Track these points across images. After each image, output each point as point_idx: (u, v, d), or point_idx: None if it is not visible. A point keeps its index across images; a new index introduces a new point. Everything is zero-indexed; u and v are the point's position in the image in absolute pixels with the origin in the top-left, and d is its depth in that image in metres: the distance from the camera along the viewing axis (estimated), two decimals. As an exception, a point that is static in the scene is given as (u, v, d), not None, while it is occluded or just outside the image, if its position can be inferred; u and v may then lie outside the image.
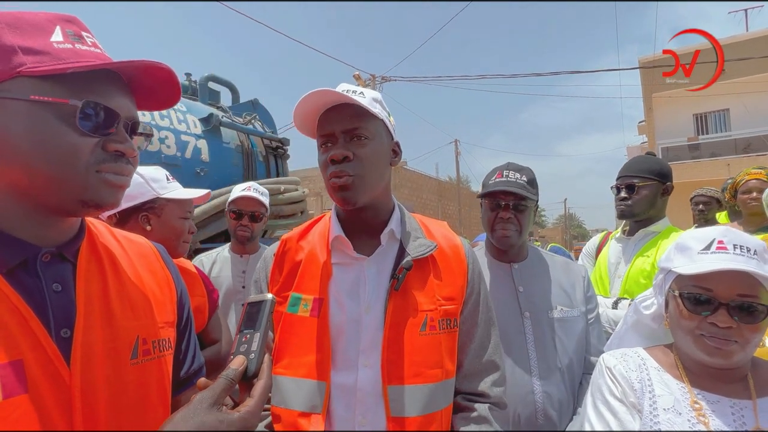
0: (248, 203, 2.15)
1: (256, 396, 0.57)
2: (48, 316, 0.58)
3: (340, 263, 0.97)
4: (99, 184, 0.59)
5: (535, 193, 1.39)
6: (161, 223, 1.42)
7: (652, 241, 1.76)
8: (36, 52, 0.56)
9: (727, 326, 0.82)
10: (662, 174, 1.81)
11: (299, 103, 0.92)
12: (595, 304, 1.42)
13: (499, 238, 1.37)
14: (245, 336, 0.62)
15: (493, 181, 1.39)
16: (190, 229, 1.48)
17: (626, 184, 1.82)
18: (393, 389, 0.88)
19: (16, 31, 0.56)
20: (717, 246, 0.87)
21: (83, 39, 0.61)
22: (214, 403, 0.54)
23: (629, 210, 1.81)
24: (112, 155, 0.61)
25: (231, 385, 0.56)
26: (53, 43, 0.57)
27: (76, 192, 0.58)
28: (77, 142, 0.57)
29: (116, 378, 0.62)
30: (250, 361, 0.59)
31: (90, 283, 0.64)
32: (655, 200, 1.80)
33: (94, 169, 0.59)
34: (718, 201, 3.36)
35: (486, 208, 1.42)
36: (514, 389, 1.20)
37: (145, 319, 0.69)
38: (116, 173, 0.61)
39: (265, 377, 0.59)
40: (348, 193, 0.92)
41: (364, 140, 0.93)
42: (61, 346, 0.57)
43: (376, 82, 14.00)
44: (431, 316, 0.92)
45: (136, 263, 0.75)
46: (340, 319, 0.92)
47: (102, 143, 0.60)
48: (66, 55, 0.57)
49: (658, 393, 0.89)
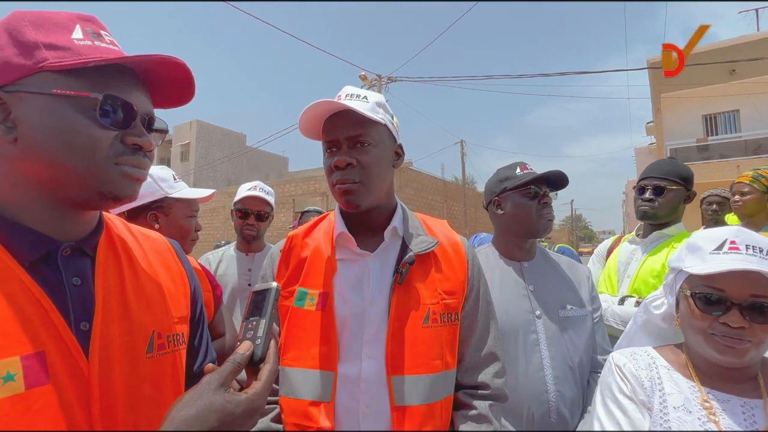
0: (254, 203, 2.18)
1: (263, 379, 0.58)
2: (68, 309, 0.59)
3: (344, 259, 1.01)
4: (118, 176, 0.61)
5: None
6: (169, 221, 1.45)
7: (663, 244, 1.76)
8: (58, 48, 0.58)
9: (739, 326, 0.82)
10: (688, 180, 1.79)
11: (303, 113, 0.96)
12: (598, 305, 1.44)
13: (546, 223, 1.38)
14: (251, 323, 0.64)
15: (524, 173, 1.41)
16: (196, 227, 1.52)
17: (654, 185, 1.78)
18: (396, 379, 0.91)
19: (39, 28, 0.58)
20: (729, 246, 0.87)
21: (102, 37, 0.63)
22: (221, 385, 0.55)
23: (653, 212, 1.78)
24: (130, 148, 0.62)
25: (238, 368, 0.58)
26: (74, 40, 0.59)
27: (95, 184, 0.60)
28: (97, 134, 0.59)
29: (133, 371, 0.63)
30: (257, 346, 0.60)
31: (108, 277, 0.65)
32: (678, 205, 1.78)
33: (113, 162, 0.60)
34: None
35: (522, 198, 1.39)
36: (528, 388, 1.22)
37: (161, 313, 0.71)
38: (134, 166, 0.63)
39: (272, 362, 0.61)
40: (352, 197, 0.95)
41: (367, 146, 0.96)
42: (80, 338, 0.58)
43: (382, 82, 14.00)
44: (433, 310, 0.95)
45: (151, 258, 0.76)
46: (344, 313, 0.95)
47: (120, 136, 0.61)
48: (86, 51, 0.59)
49: (668, 391, 0.89)
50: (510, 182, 1.42)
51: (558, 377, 1.24)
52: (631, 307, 1.66)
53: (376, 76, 13.96)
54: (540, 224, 1.38)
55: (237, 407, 0.54)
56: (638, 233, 1.93)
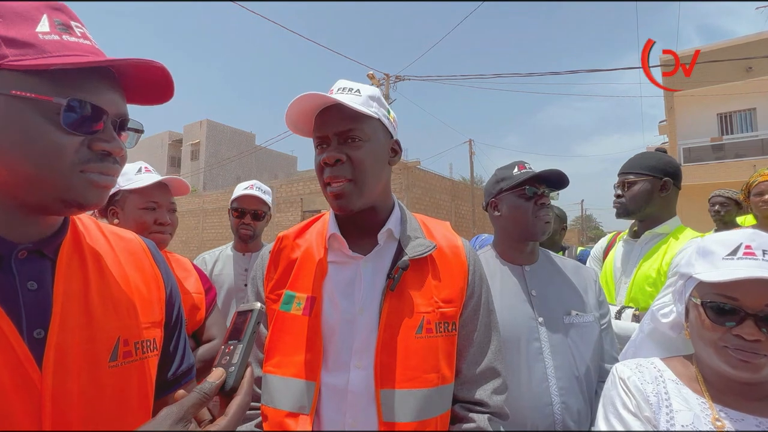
0: (250, 201, 2.15)
1: (229, 414, 0.54)
2: (20, 315, 0.55)
3: (335, 261, 0.96)
4: (83, 184, 0.57)
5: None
6: (125, 215, 1.40)
7: (659, 243, 1.66)
8: (19, 44, 0.53)
9: (754, 339, 0.75)
10: (659, 169, 1.70)
11: (290, 107, 0.91)
12: (607, 309, 1.35)
13: (543, 225, 1.31)
14: (228, 347, 0.60)
15: (520, 172, 1.34)
16: (158, 220, 1.42)
17: (621, 181, 1.77)
18: (385, 393, 0.85)
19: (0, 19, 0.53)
20: (744, 251, 0.80)
21: (72, 29, 0.58)
22: (180, 420, 0.50)
23: (623, 207, 1.75)
24: (97, 154, 0.58)
25: (204, 399, 0.53)
26: (39, 34, 0.54)
27: (57, 192, 0.56)
28: (61, 140, 0.54)
29: (92, 382, 0.59)
30: (230, 374, 0.56)
31: (70, 282, 0.61)
32: (652, 197, 1.69)
33: (79, 169, 0.56)
34: (737, 203, 3.22)
35: (518, 199, 1.32)
36: (531, 401, 1.14)
37: (128, 319, 0.67)
38: (102, 173, 0.59)
39: (243, 394, 0.56)
40: (344, 200, 0.90)
41: (359, 142, 0.91)
42: (33, 347, 0.54)
43: (390, 81, 13.94)
44: (428, 319, 0.89)
45: (123, 261, 0.72)
46: (333, 319, 0.90)
47: (87, 142, 0.57)
48: (52, 47, 0.54)
49: (676, 408, 0.83)
50: (506, 183, 1.36)
51: (563, 388, 1.16)
52: (628, 320, 1.57)
53: (384, 75, 13.91)
54: (536, 226, 1.30)
55: None
56: (633, 230, 1.84)
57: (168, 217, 1.45)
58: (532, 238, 1.32)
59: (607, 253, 1.97)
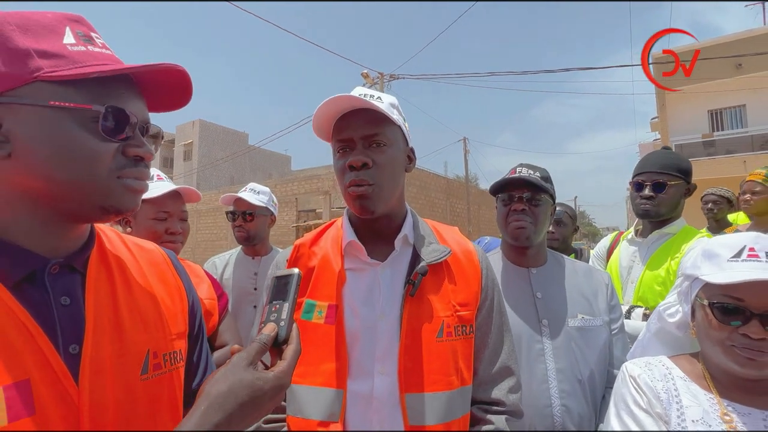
0: (240, 204, 2.19)
1: (288, 358, 0.60)
2: (56, 331, 0.56)
3: (353, 269, 0.97)
4: (120, 189, 0.59)
5: (551, 189, 1.34)
6: (137, 225, 1.41)
7: (667, 243, 1.67)
8: (51, 56, 0.54)
9: (760, 338, 0.79)
10: (688, 173, 1.69)
11: (319, 108, 0.91)
12: (619, 314, 1.34)
13: (513, 230, 1.30)
14: (274, 306, 0.66)
15: (504, 178, 1.36)
16: (169, 230, 1.43)
17: (653, 181, 1.67)
18: (411, 397, 0.87)
19: (27, 33, 0.55)
20: (748, 253, 0.84)
21: (93, 40, 0.60)
22: (249, 363, 0.57)
23: (655, 210, 1.67)
24: (131, 160, 0.60)
25: (264, 348, 0.60)
26: (67, 46, 0.56)
27: (97, 198, 0.57)
28: (99, 147, 0.56)
29: (126, 395, 0.60)
30: (281, 328, 0.62)
31: (99, 295, 0.62)
32: (680, 201, 1.69)
33: (116, 175, 0.58)
34: (729, 201, 3.28)
35: (499, 205, 1.37)
36: (530, 401, 1.15)
37: (156, 331, 0.67)
38: (136, 178, 0.60)
39: (295, 342, 0.62)
40: (367, 201, 0.91)
41: (383, 147, 0.92)
42: (69, 363, 0.55)
43: (385, 80, 13.94)
44: (447, 322, 0.91)
45: (146, 272, 0.73)
46: (354, 326, 0.91)
47: (122, 148, 0.59)
48: (81, 57, 0.56)
49: (686, 404, 0.86)
50: (493, 187, 1.39)
51: (564, 391, 1.17)
52: (639, 320, 1.58)
53: (379, 73, 13.91)
54: (508, 232, 1.33)
55: (265, 384, 0.56)
56: (637, 229, 1.82)
57: (179, 226, 1.47)
58: (512, 242, 1.35)
59: (610, 252, 1.96)
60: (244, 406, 0.54)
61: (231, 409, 0.54)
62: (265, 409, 0.58)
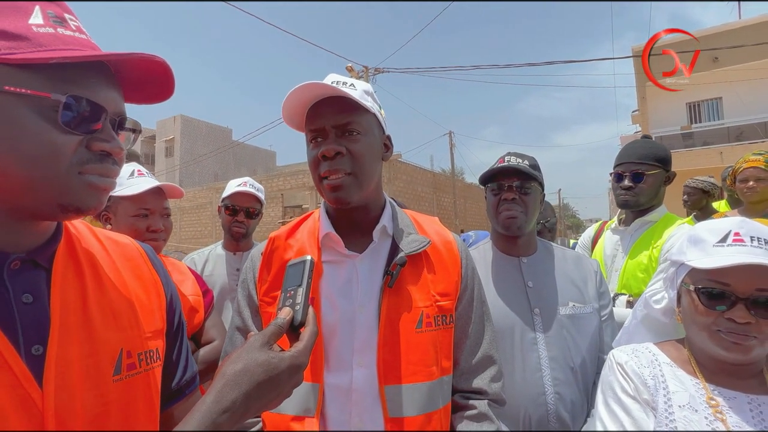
0: (244, 199, 2.10)
1: (305, 339, 0.61)
2: (17, 331, 0.52)
3: (331, 261, 0.95)
4: (81, 187, 0.54)
5: (540, 177, 1.34)
6: (117, 222, 1.37)
7: (649, 231, 1.70)
8: (12, 37, 0.49)
9: (745, 322, 0.79)
10: (666, 161, 1.72)
11: (288, 97, 0.88)
12: (608, 300, 1.36)
13: (504, 220, 1.29)
14: (289, 292, 0.67)
15: (493, 167, 1.35)
16: (150, 227, 1.39)
17: (632, 171, 1.70)
18: (390, 389, 0.86)
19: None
20: (733, 238, 0.84)
21: (66, 23, 0.54)
22: (265, 344, 0.58)
23: (635, 200, 1.70)
24: (96, 155, 0.55)
25: (280, 330, 0.61)
26: (32, 26, 0.51)
27: (55, 195, 0.52)
28: (58, 140, 0.51)
29: (97, 398, 0.56)
30: (296, 311, 0.64)
31: (66, 292, 0.58)
32: (659, 189, 1.72)
33: (77, 171, 0.53)
34: (704, 191, 3.35)
35: (489, 195, 1.36)
36: (524, 389, 1.16)
37: (130, 329, 0.63)
38: (101, 175, 0.55)
39: (312, 324, 0.63)
40: (342, 192, 0.89)
41: (357, 135, 0.89)
42: (32, 365, 0.51)
43: (369, 73, 13.84)
44: (427, 313, 0.90)
45: (120, 267, 0.68)
46: (332, 319, 0.90)
47: (86, 142, 0.54)
48: (47, 40, 0.51)
49: (673, 389, 0.87)
50: (482, 177, 1.38)
51: (557, 378, 1.18)
52: (623, 306, 1.60)
53: (363, 67, 13.79)
54: (499, 221, 1.32)
55: (281, 362, 0.57)
56: (620, 218, 1.86)
57: (161, 223, 1.42)
58: (502, 231, 1.34)
59: (595, 241, 1.99)
60: (261, 385, 0.55)
61: (247, 387, 0.54)
62: (285, 389, 0.58)
